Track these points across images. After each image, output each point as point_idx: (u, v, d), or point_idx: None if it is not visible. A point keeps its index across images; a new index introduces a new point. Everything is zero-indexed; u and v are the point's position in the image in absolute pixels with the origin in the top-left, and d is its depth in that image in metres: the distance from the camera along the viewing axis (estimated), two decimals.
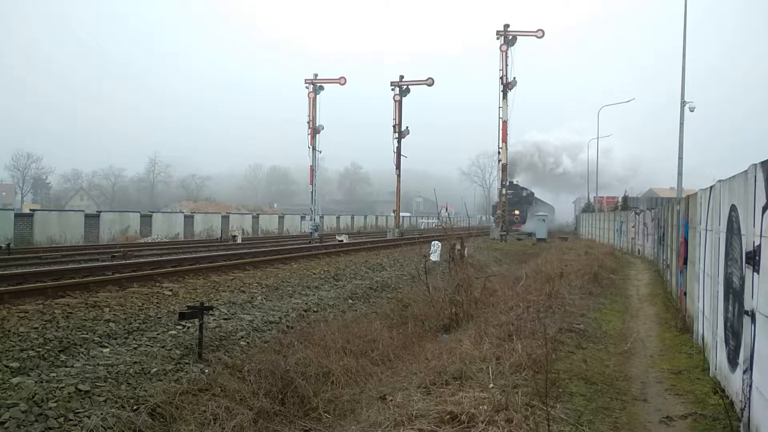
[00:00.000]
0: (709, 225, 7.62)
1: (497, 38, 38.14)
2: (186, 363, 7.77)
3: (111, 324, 8.72)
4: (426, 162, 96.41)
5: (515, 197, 57.09)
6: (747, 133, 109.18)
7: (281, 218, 50.59)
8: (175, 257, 18.11)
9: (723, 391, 6.18)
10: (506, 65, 37.84)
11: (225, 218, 41.99)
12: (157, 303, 10.37)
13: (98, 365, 7.10)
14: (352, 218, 63.31)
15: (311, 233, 36.80)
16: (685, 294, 10.82)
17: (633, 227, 30.65)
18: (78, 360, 7.25)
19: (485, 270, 19.61)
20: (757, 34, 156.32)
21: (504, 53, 37.87)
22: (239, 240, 30.03)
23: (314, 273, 15.93)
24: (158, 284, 12.11)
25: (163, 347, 8.10)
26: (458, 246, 15.12)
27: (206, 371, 7.62)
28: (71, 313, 8.98)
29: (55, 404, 6.00)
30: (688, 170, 23.93)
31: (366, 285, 15.58)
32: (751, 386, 4.81)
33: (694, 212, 9.46)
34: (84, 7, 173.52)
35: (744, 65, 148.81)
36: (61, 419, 5.83)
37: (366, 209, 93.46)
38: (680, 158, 22.72)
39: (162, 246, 25.81)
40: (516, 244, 36.05)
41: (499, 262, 25.19)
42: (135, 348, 7.97)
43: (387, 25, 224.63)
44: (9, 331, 7.76)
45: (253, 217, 46.86)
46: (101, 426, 5.75)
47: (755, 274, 4.71)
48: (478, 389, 5.58)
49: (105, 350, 7.73)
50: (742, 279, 5.20)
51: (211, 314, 9.64)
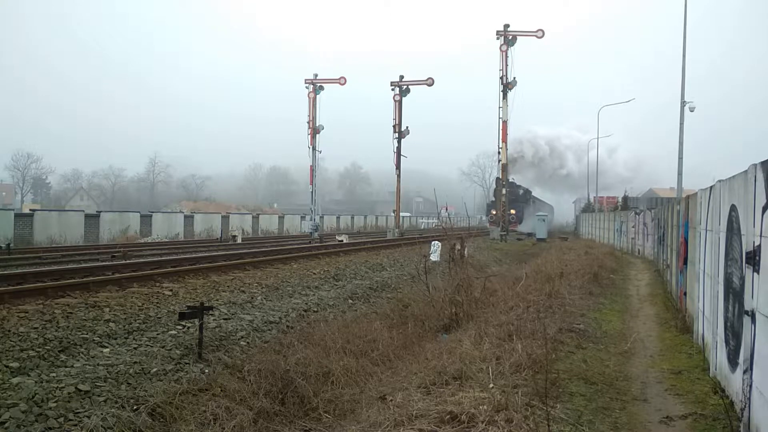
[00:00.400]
0: (709, 225, 7.62)
1: (497, 38, 38.15)
2: (186, 363, 7.77)
3: (111, 324, 8.72)
4: (426, 162, 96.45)
5: (511, 195, 54.15)
6: (748, 133, 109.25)
7: (281, 218, 50.59)
8: (175, 257, 18.11)
9: (723, 391, 6.18)
10: (506, 65, 37.84)
11: (225, 218, 41.99)
12: (157, 303, 10.37)
13: (98, 365, 7.10)
14: (352, 218, 63.31)
15: (311, 233, 36.80)
16: (685, 294, 10.82)
17: (633, 227, 30.65)
18: (78, 360, 7.25)
19: (485, 270, 19.61)
20: (757, 34, 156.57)
21: (504, 53, 37.88)
22: (239, 240, 30.03)
23: (314, 273, 15.93)
24: (158, 284, 12.11)
25: (163, 347, 8.10)
26: (458, 246, 15.12)
27: (206, 371, 7.62)
28: (71, 313, 8.98)
29: (55, 404, 6.00)
30: (689, 170, 23.96)
31: (366, 285, 15.58)
32: (751, 386, 4.81)
33: (694, 212, 9.45)
34: (84, 7, 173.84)
35: (744, 65, 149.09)
36: (61, 419, 5.83)
37: (366, 209, 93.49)
38: (680, 158, 22.73)
39: (162, 246, 25.81)
40: (516, 244, 36.06)
41: (499, 262, 25.19)
42: (135, 348, 7.97)
43: (387, 25, 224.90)
44: (9, 331, 7.76)
45: (253, 217, 46.87)
46: (101, 426, 5.75)
47: (755, 274, 4.71)
48: (478, 389, 5.58)
49: (105, 350, 7.73)
50: (742, 279, 5.20)
51: (211, 314, 9.64)
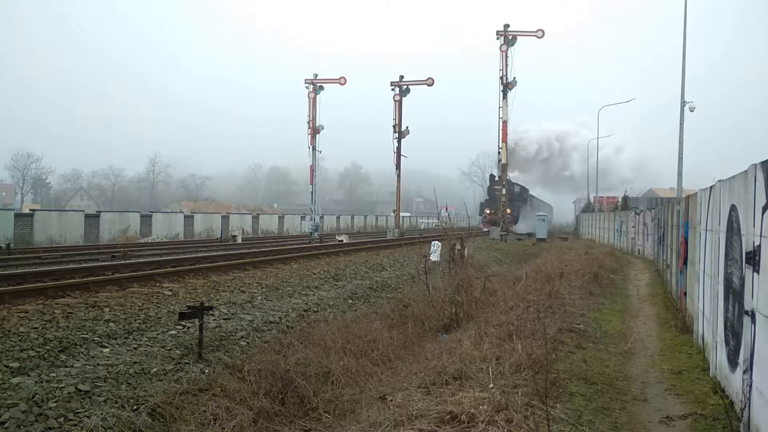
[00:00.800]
0: (709, 225, 7.62)
1: (497, 38, 38.15)
2: (186, 363, 7.77)
3: (111, 324, 8.72)
4: (426, 162, 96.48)
5: (506, 193, 55.25)
6: (748, 133, 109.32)
7: (281, 218, 50.58)
8: (175, 257, 18.11)
9: (723, 391, 6.18)
10: (506, 65, 37.84)
11: (225, 218, 41.98)
12: (157, 303, 10.37)
13: (98, 365, 7.10)
14: (352, 218, 63.30)
15: (311, 233, 36.79)
16: (685, 294, 10.82)
17: (633, 227, 30.65)
18: (78, 360, 7.25)
19: (485, 270, 19.61)
20: (758, 34, 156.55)
21: (504, 53, 37.88)
22: (239, 240, 30.03)
23: (314, 273, 15.93)
24: (158, 284, 12.11)
25: (163, 347, 8.10)
26: (458, 246, 15.11)
27: (206, 371, 7.62)
28: (71, 313, 8.98)
29: (55, 404, 6.00)
30: (690, 170, 23.97)
31: (366, 285, 15.58)
32: (751, 386, 4.81)
33: (694, 212, 9.45)
34: (84, 7, 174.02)
35: (745, 65, 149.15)
36: (61, 419, 5.83)
37: (366, 209, 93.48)
38: (680, 158, 22.73)
39: (162, 246, 25.80)
40: (516, 244, 36.06)
41: (499, 262, 25.19)
42: (135, 348, 7.97)
43: (387, 25, 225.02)
44: (9, 331, 7.75)
45: (253, 217, 46.85)
46: (101, 426, 5.75)
47: (755, 274, 4.71)
48: (478, 389, 5.58)
49: (105, 350, 7.73)
50: (742, 279, 5.21)
51: (211, 314, 9.64)
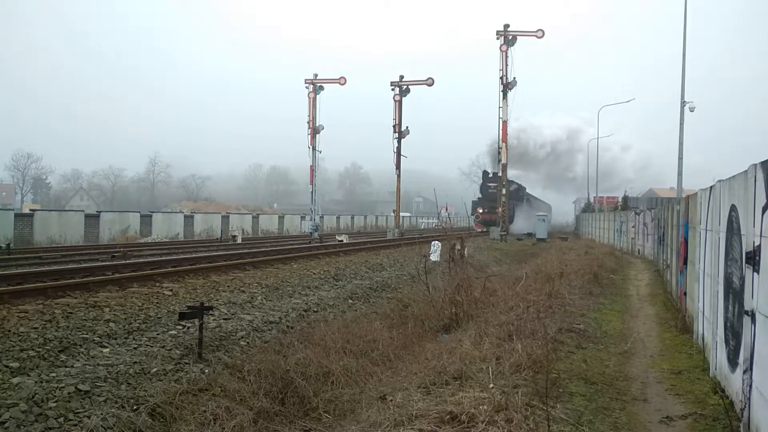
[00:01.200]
0: (709, 225, 7.62)
1: (497, 38, 38.13)
2: (186, 363, 7.77)
3: (111, 324, 8.72)
4: (426, 162, 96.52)
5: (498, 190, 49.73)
6: (751, 132, 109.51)
7: (281, 218, 50.58)
8: (175, 257, 18.11)
9: (723, 391, 6.18)
10: (506, 65, 37.83)
11: (225, 218, 41.98)
12: (157, 303, 10.37)
13: (98, 365, 7.10)
14: (352, 218, 63.29)
15: (311, 233, 36.79)
16: (685, 294, 10.82)
17: (633, 227, 30.65)
18: (78, 360, 7.25)
19: (485, 270, 19.61)
20: (758, 33, 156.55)
21: (504, 53, 37.87)
22: (239, 240, 30.03)
23: (314, 273, 15.93)
24: (158, 284, 12.11)
25: (163, 347, 8.09)
26: (458, 246, 15.12)
27: (206, 371, 7.62)
28: (71, 313, 8.98)
29: (55, 404, 6.00)
30: (690, 170, 23.93)
31: (366, 285, 15.57)
32: (751, 386, 4.81)
33: (694, 212, 9.45)
34: (84, 7, 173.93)
35: (746, 64, 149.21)
36: (61, 419, 5.82)
37: (366, 209, 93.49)
38: (680, 158, 22.72)
39: (162, 246, 25.80)
40: (516, 244, 36.06)
41: (499, 262, 25.19)
42: (135, 348, 7.96)
43: (387, 25, 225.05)
44: (9, 331, 7.75)
45: (253, 217, 46.85)
46: (101, 426, 5.75)
47: (755, 274, 4.71)
48: (478, 389, 5.58)
49: (105, 350, 7.73)
50: (742, 279, 5.21)
51: (211, 314, 9.64)
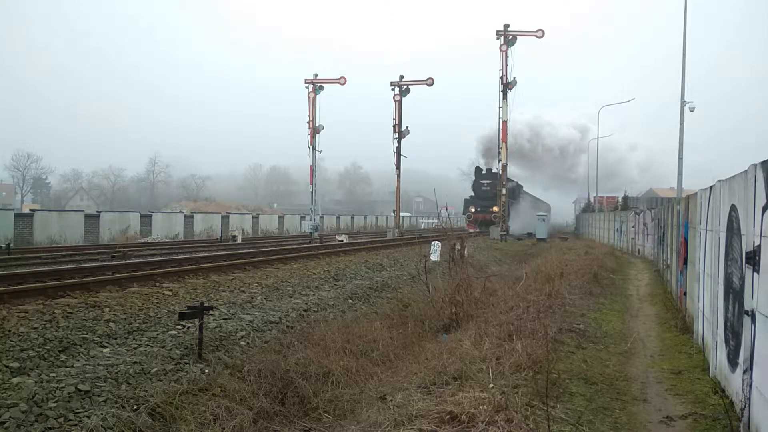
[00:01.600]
0: (709, 225, 7.63)
1: (497, 38, 38.11)
2: (186, 363, 7.77)
3: (111, 324, 8.72)
4: (426, 162, 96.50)
5: (493, 188, 46.00)
6: (752, 132, 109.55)
7: (281, 218, 50.57)
8: (175, 257, 18.10)
9: (723, 391, 6.18)
10: (506, 65, 37.81)
11: (225, 218, 41.97)
12: (157, 303, 10.37)
13: (98, 365, 7.10)
14: (352, 218, 63.28)
15: (311, 233, 36.79)
16: (685, 294, 10.82)
17: (633, 227, 30.65)
18: (78, 360, 7.25)
19: (485, 270, 19.61)
20: (759, 33, 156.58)
21: (504, 53, 37.85)
22: (239, 240, 30.02)
23: (314, 273, 15.92)
24: (158, 284, 12.10)
25: (163, 347, 8.09)
26: (458, 246, 15.13)
27: (206, 371, 7.62)
28: (71, 313, 8.97)
29: (55, 404, 6.00)
30: (690, 170, 23.92)
31: (366, 285, 15.57)
32: (751, 386, 4.81)
33: (694, 212, 9.46)
34: (84, 7, 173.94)
35: (747, 64, 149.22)
36: (61, 419, 5.82)
37: (366, 209, 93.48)
38: (680, 158, 22.73)
39: (162, 246, 25.79)
40: (516, 244, 36.05)
41: (499, 262, 25.19)
42: (135, 348, 7.96)
43: (387, 25, 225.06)
44: (9, 331, 7.75)
45: (253, 217, 46.84)
46: (101, 426, 5.75)
47: (755, 274, 4.71)
48: (478, 389, 5.58)
49: (105, 350, 7.73)
50: (742, 279, 5.21)
51: (211, 314, 9.64)
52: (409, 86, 40.73)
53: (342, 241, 29.62)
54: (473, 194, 49.03)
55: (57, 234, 28.28)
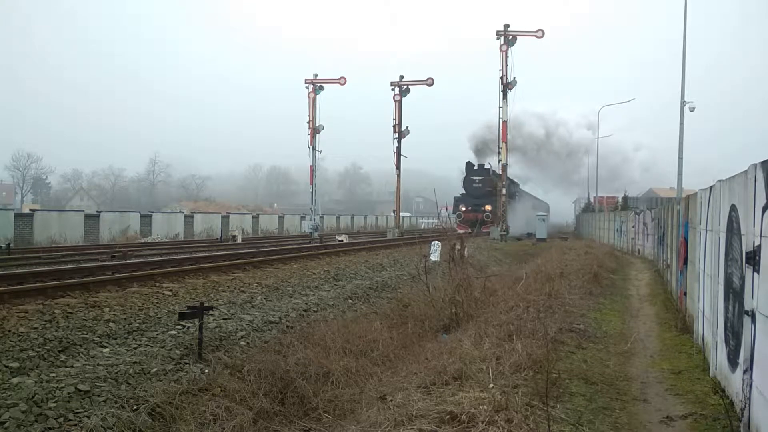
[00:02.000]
0: (709, 225, 7.62)
1: (497, 38, 38.10)
2: (186, 363, 7.77)
3: (111, 324, 8.72)
4: (426, 162, 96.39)
5: (485, 185, 44.48)
6: (752, 131, 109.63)
7: (281, 218, 50.56)
8: (175, 257, 18.10)
9: (723, 391, 6.18)
10: (506, 65, 37.81)
11: (225, 218, 41.96)
12: (157, 303, 10.37)
13: (98, 365, 7.10)
14: (352, 218, 63.27)
15: (311, 233, 36.78)
16: (685, 294, 10.82)
17: (633, 227, 30.65)
18: (78, 360, 7.25)
19: (485, 270, 19.60)
20: (759, 32, 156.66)
21: (504, 53, 37.85)
22: (239, 240, 30.01)
23: (314, 273, 15.92)
24: (158, 284, 12.10)
25: (163, 347, 8.09)
26: (458, 246, 15.13)
27: (206, 371, 7.61)
28: (71, 313, 8.98)
29: (55, 404, 6.00)
30: (693, 169, 23.93)
31: (366, 285, 15.57)
32: (751, 386, 4.81)
33: (694, 212, 9.45)
34: (84, 7, 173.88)
35: (749, 63, 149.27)
36: (61, 419, 5.82)
37: (366, 209, 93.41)
38: (680, 158, 22.73)
39: (162, 246, 25.80)
40: (516, 244, 36.04)
41: (499, 262, 25.18)
42: (135, 348, 7.96)
43: (387, 25, 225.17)
44: (9, 331, 7.75)
45: (253, 217, 46.83)
46: (101, 426, 5.75)
47: (755, 274, 4.71)
48: (478, 389, 5.58)
49: (105, 350, 7.73)
50: (742, 279, 5.20)
51: (211, 314, 9.64)
52: (409, 86, 40.78)
53: (342, 241, 29.62)
54: (464, 192, 46.39)
55: (57, 234, 28.27)
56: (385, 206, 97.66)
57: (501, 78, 37.91)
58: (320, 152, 37.96)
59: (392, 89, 40.64)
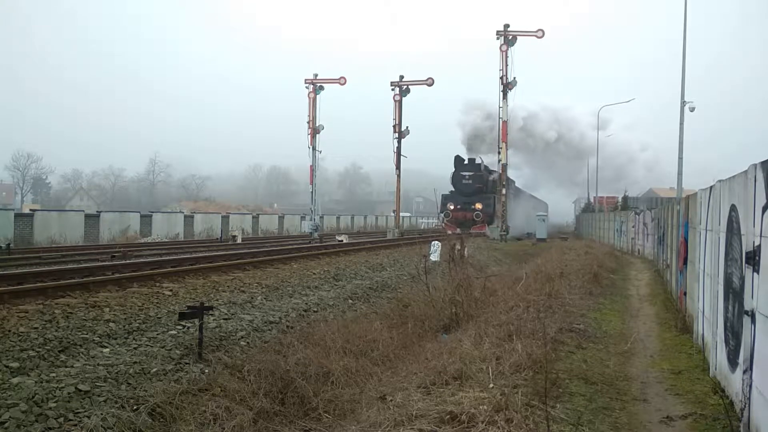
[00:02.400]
0: (709, 225, 7.62)
1: (497, 38, 38.10)
2: (186, 363, 7.77)
3: (111, 324, 8.72)
4: (426, 162, 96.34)
5: (475, 181, 41.62)
6: (753, 131, 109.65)
7: (281, 218, 50.55)
8: (175, 257, 18.09)
9: (723, 391, 6.18)
10: (506, 65, 37.81)
11: (225, 218, 41.95)
12: (157, 303, 10.37)
13: (98, 365, 7.10)
14: (352, 218, 63.26)
15: (311, 233, 36.79)
16: (685, 294, 10.82)
17: (633, 227, 30.65)
18: (78, 360, 7.25)
19: (485, 270, 19.61)
20: (759, 32, 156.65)
21: (504, 53, 37.85)
22: (239, 240, 30.01)
23: (314, 273, 15.93)
24: (158, 284, 12.10)
25: (163, 347, 8.09)
26: (458, 246, 15.14)
27: (206, 371, 7.62)
28: (71, 313, 8.98)
29: (55, 404, 6.00)
30: (694, 169, 23.95)
31: (366, 285, 15.57)
32: (751, 386, 4.81)
33: (694, 212, 9.45)
34: (84, 7, 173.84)
35: (750, 62, 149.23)
36: (61, 419, 5.83)
37: (366, 209, 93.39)
38: (680, 158, 22.75)
39: (162, 246, 25.79)
40: (516, 244, 36.04)
41: (499, 262, 25.18)
42: (135, 348, 7.97)
43: (387, 25, 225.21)
44: (9, 331, 7.75)
45: (253, 217, 46.83)
46: (101, 426, 5.75)
47: (755, 274, 4.71)
48: (478, 389, 5.58)
49: (105, 350, 7.73)
50: (742, 279, 5.21)
51: (211, 314, 9.64)
52: (409, 86, 40.81)
53: (342, 241, 29.62)
54: (452, 189, 42.88)
55: (57, 234, 28.27)
56: (385, 206, 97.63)
57: (501, 78, 37.90)
58: (320, 152, 38.05)
59: (392, 89, 40.66)
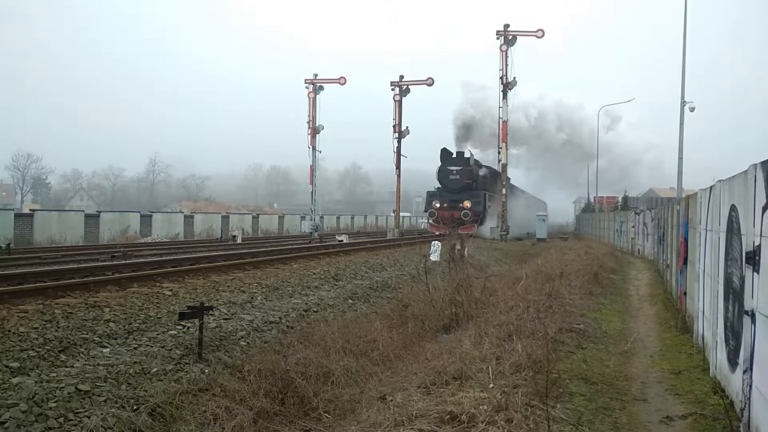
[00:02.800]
0: (709, 225, 7.62)
1: (497, 38, 38.09)
2: (186, 363, 7.77)
3: (111, 324, 8.72)
4: (426, 161, 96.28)
5: (463, 177, 37.90)
6: (754, 132, 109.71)
7: (281, 218, 50.56)
8: (175, 257, 18.09)
9: (723, 391, 6.18)
10: (506, 65, 37.80)
11: (225, 218, 41.97)
12: (157, 303, 10.37)
13: (98, 365, 7.10)
14: (352, 218, 63.28)
15: (311, 233, 36.79)
16: (685, 294, 10.82)
17: (633, 227, 30.66)
18: (78, 360, 7.25)
19: (485, 270, 19.61)
20: (760, 31, 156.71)
21: (504, 53, 37.85)
22: (239, 240, 30.01)
23: (314, 273, 15.93)
24: (158, 284, 12.10)
25: (163, 347, 8.10)
26: (458, 246, 15.14)
27: (206, 371, 7.62)
28: (71, 313, 8.98)
29: (55, 404, 6.00)
30: (693, 169, 23.98)
31: (366, 285, 15.57)
32: (751, 386, 4.81)
33: (694, 212, 9.45)
34: (84, 6, 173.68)
35: (753, 59, 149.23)
36: (61, 419, 5.83)
37: (366, 209, 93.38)
38: (680, 158, 22.78)
39: (162, 246, 25.79)
40: (516, 244, 36.03)
41: (499, 262, 25.18)
42: (135, 348, 7.97)
43: (387, 25, 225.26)
44: (9, 331, 7.75)
45: (253, 217, 46.83)
46: (101, 426, 5.75)
47: (755, 274, 4.71)
48: (478, 389, 5.58)
49: (105, 350, 7.73)
50: (742, 279, 5.21)
51: (211, 314, 9.64)
52: (409, 86, 40.83)
53: (342, 241, 29.61)
54: (439, 186, 39.15)
55: (57, 234, 28.28)
56: (385, 206, 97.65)
57: (501, 78, 37.90)
58: (320, 152, 38.02)
59: (392, 89, 40.66)
